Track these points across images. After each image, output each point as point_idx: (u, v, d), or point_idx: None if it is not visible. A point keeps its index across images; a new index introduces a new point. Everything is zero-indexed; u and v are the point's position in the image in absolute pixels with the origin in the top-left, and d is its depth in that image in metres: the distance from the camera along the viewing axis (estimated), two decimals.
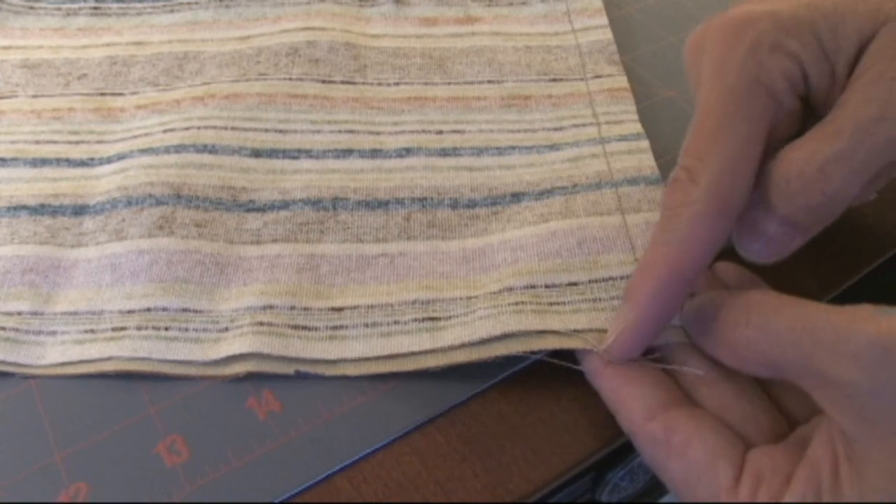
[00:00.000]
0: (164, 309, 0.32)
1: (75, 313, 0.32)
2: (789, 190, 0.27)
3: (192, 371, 0.30)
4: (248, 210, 0.35)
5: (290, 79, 0.41)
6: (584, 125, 0.39)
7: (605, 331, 0.29)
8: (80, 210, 0.36)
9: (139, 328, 0.31)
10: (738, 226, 0.29)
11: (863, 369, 0.22)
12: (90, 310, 0.32)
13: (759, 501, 0.24)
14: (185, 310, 0.32)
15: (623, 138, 0.38)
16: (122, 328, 0.31)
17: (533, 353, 0.29)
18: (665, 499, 0.43)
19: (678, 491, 0.26)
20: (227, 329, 0.31)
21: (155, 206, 0.35)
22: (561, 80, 0.42)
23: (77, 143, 0.39)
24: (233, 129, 0.38)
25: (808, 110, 0.29)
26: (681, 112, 0.41)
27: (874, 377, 0.22)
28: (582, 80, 0.42)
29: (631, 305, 0.28)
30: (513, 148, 0.38)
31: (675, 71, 0.43)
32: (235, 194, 0.36)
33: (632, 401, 0.28)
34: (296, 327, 0.31)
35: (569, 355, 0.30)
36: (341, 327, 0.31)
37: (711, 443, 0.26)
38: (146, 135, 0.39)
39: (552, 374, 0.30)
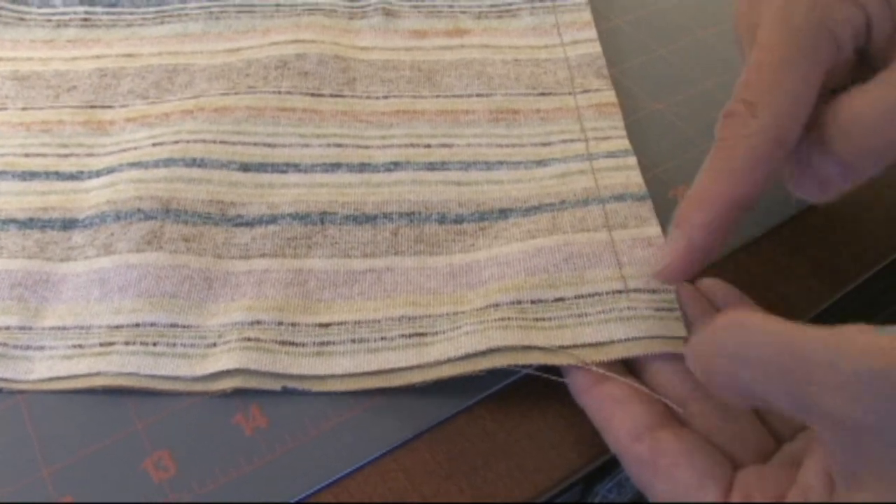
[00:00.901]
0: (153, 324, 0.32)
1: (63, 328, 0.32)
2: (852, 133, 0.28)
3: (179, 386, 0.30)
4: (237, 224, 0.35)
5: (279, 92, 0.41)
6: (571, 141, 0.39)
7: (593, 345, 0.30)
8: (69, 224, 0.36)
9: (127, 343, 0.31)
10: (794, 166, 0.30)
11: (861, 404, 0.20)
12: (78, 324, 0.32)
13: None
14: (173, 325, 0.32)
15: (611, 155, 0.38)
16: (111, 343, 0.31)
17: (519, 367, 0.30)
18: None
19: None
20: (214, 345, 0.31)
21: (143, 221, 0.35)
22: (549, 94, 0.42)
23: (66, 156, 0.39)
24: (222, 142, 0.38)
25: (862, 62, 0.30)
26: (668, 125, 0.41)
27: (875, 412, 0.20)
28: (570, 94, 0.42)
29: (682, 232, 0.29)
30: (501, 163, 0.38)
31: (664, 83, 0.44)
32: (224, 209, 0.36)
33: (618, 421, 0.28)
34: (283, 343, 0.31)
35: (554, 369, 0.30)
36: (328, 343, 0.31)
37: (699, 464, 0.26)
38: (135, 148, 0.39)
39: (538, 389, 0.30)
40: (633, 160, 0.38)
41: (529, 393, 0.31)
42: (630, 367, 0.30)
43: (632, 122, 0.41)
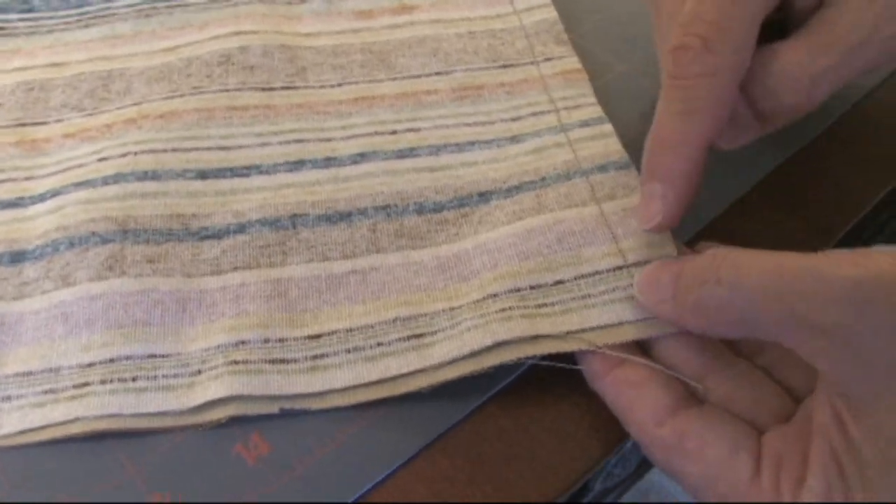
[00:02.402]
0: (128, 357, 0.29)
1: (29, 373, 0.29)
2: (778, 90, 0.29)
3: (169, 422, 0.28)
4: (203, 238, 0.33)
5: (227, 90, 0.38)
6: (542, 113, 0.38)
7: (602, 327, 0.29)
8: (17, 257, 0.33)
9: (104, 382, 0.29)
10: None
11: (851, 311, 0.21)
12: (46, 367, 0.29)
13: (784, 487, 0.23)
14: (151, 356, 0.29)
15: (584, 123, 0.37)
16: (85, 384, 0.29)
17: (528, 359, 0.28)
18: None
19: (696, 491, 0.25)
20: (199, 372, 0.29)
21: (101, 245, 0.32)
22: (512, 65, 0.40)
23: (2, 181, 0.36)
24: (173, 150, 0.36)
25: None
26: (637, 87, 0.40)
27: (865, 317, 0.21)
28: (533, 63, 0.40)
29: (666, 185, 0.28)
30: (472, 143, 0.37)
31: (625, 43, 0.42)
32: (186, 222, 0.33)
33: (638, 407, 0.27)
34: (273, 361, 0.29)
35: (565, 356, 0.28)
36: (322, 356, 0.29)
37: (727, 438, 0.25)
38: (79, 166, 0.36)
39: (548, 378, 0.29)
40: (608, 127, 0.36)
41: (540, 384, 0.29)
42: (639, 343, 0.29)
43: (598, 87, 0.39)
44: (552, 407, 0.29)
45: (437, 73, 0.40)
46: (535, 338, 0.28)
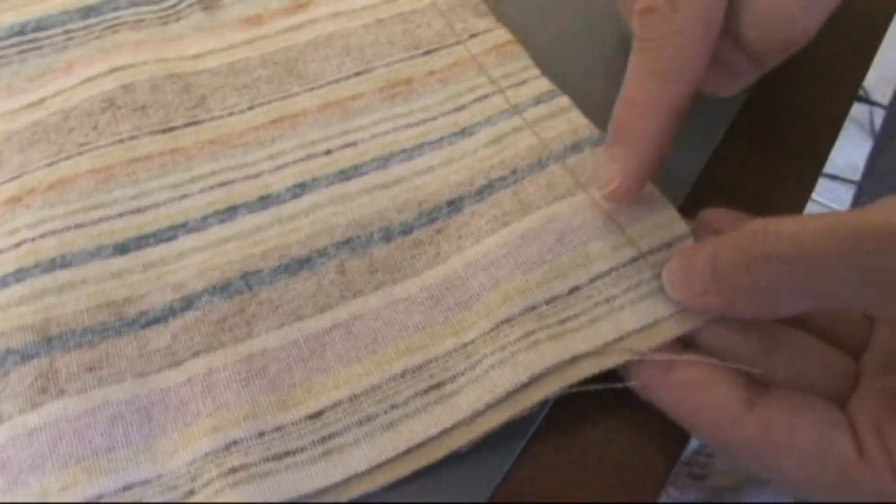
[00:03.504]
0: (99, 496, 0.24)
1: None
2: (769, 26, 0.27)
3: None
4: (145, 325, 0.28)
5: (122, 140, 0.32)
6: (485, 96, 0.34)
7: (639, 331, 0.26)
8: None
9: None
10: None
11: None
12: None
13: None
14: (126, 487, 0.24)
15: (537, 100, 0.33)
16: None
17: (570, 387, 0.25)
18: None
19: (798, 485, 0.23)
20: (192, 492, 0.24)
21: (22, 364, 0.26)
22: (436, 49, 0.36)
23: None
24: (77, 227, 0.30)
25: None
26: (575, 49, 0.36)
27: None
28: (458, 43, 0.36)
29: (630, 148, 0.27)
30: (419, 147, 0.32)
31: (549, 1, 0.39)
32: (120, 310, 0.28)
33: (708, 409, 0.24)
34: (277, 457, 0.24)
35: (610, 373, 0.25)
36: (332, 436, 0.25)
37: (815, 421, 0.23)
38: None
39: (585, 396, 0.26)
40: (565, 100, 0.33)
41: (578, 404, 0.26)
42: (681, 337, 0.26)
43: (534, 57, 0.35)
44: (600, 431, 0.26)
45: (357, 74, 0.35)
46: (574, 360, 0.25)
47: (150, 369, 0.27)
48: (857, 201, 0.62)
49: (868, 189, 0.55)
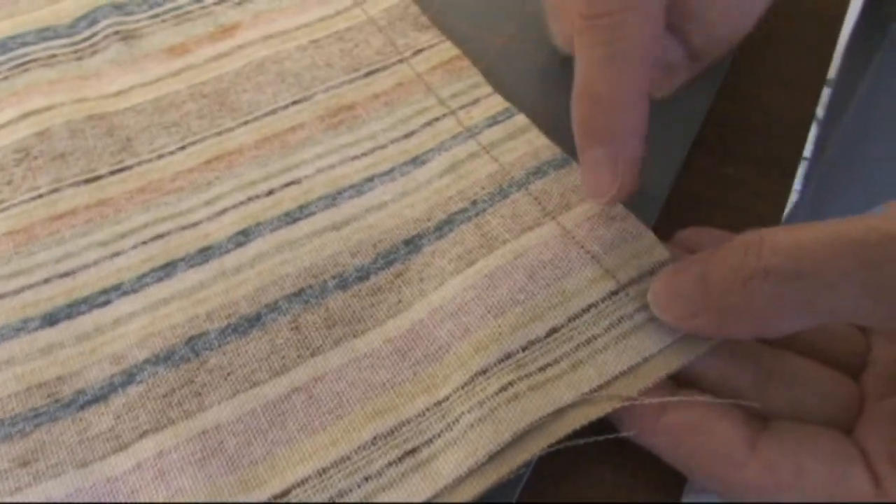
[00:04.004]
0: None
1: None
2: (716, 17, 0.26)
3: None
4: (83, 406, 0.25)
5: (41, 195, 0.30)
6: (436, 119, 0.32)
7: (625, 373, 0.24)
8: None
9: None
10: None
11: None
12: None
13: None
14: None
15: (492, 121, 0.31)
16: None
17: (558, 442, 0.23)
18: None
19: None
20: None
21: None
22: (377, 70, 0.34)
23: None
24: None
25: None
26: (524, 59, 0.34)
27: None
28: (402, 61, 0.34)
29: (610, 149, 0.24)
30: (369, 180, 0.30)
31: (491, 9, 0.37)
32: (54, 392, 0.25)
33: (707, 452, 0.22)
34: None
35: (599, 423, 0.23)
36: None
37: (824, 456, 0.21)
38: None
39: (572, 449, 0.24)
40: (522, 119, 0.31)
41: (567, 454, 0.24)
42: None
43: (482, 71, 0.33)
44: (594, 480, 0.24)
45: (295, 102, 0.33)
46: (559, 412, 0.23)
47: (94, 457, 0.24)
48: (807, 182, 0.61)
49: (817, 170, 0.54)
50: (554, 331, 0.25)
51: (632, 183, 0.25)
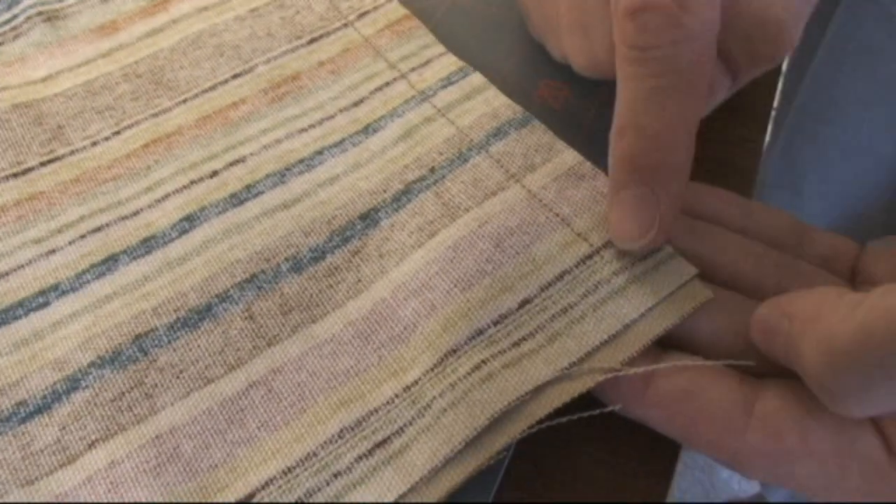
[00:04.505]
0: None
1: None
2: (756, 34, 0.24)
3: None
4: (25, 419, 0.23)
5: None
6: (386, 84, 0.30)
7: (607, 342, 0.22)
8: None
9: None
10: None
11: None
12: None
13: None
14: None
15: (446, 82, 0.29)
16: None
17: (539, 422, 0.21)
18: None
19: (816, 489, 0.20)
20: None
21: None
22: (321, 36, 0.32)
23: None
24: None
25: None
26: (478, 15, 0.32)
27: None
28: (347, 25, 0.32)
29: (662, 189, 0.22)
30: (318, 153, 0.28)
31: None
32: None
33: (704, 419, 0.21)
34: None
35: (582, 398, 0.22)
36: None
37: (830, 418, 0.20)
38: None
39: (558, 427, 0.23)
40: (478, 78, 0.29)
41: (550, 437, 0.22)
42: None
43: (433, 31, 0.31)
44: (581, 457, 0.23)
45: (235, 76, 0.31)
46: (537, 390, 0.22)
47: (39, 473, 0.22)
48: (776, 132, 0.60)
49: (787, 119, 0.53)
50: (526, 302, 0.23)
51: (670, 228, 0.23)
